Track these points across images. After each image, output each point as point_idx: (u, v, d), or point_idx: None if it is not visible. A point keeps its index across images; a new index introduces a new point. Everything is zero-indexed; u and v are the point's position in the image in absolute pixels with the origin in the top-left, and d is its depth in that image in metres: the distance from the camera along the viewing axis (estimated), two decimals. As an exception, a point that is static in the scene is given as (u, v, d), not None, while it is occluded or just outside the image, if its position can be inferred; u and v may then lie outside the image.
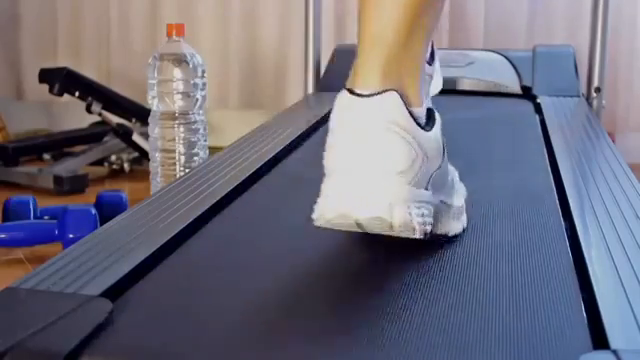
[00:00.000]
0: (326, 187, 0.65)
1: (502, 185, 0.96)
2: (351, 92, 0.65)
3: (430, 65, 0.98)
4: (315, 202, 0.65)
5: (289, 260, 0.72)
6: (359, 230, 0.65)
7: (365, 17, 0.68)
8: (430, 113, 0.71)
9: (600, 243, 0.73)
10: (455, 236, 0.76)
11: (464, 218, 0.79)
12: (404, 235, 0.65)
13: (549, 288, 0.64)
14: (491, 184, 0.96)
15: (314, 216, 0.65)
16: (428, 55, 0.90)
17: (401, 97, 0.64)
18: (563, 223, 0.81)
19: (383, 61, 0.66)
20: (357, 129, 0.63)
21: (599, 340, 0.54)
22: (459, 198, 0.79)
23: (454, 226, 0.77)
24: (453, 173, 0.79)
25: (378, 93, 0.64)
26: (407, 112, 0.64)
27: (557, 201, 0.89)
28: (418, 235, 0.65)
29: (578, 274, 0.67)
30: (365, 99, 0.64)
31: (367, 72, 0.66)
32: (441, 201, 0.73)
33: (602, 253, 0.71)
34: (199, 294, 0.65)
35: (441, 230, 0.74)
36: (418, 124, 0.66)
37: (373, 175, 0.63)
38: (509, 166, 1.06)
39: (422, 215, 0.66)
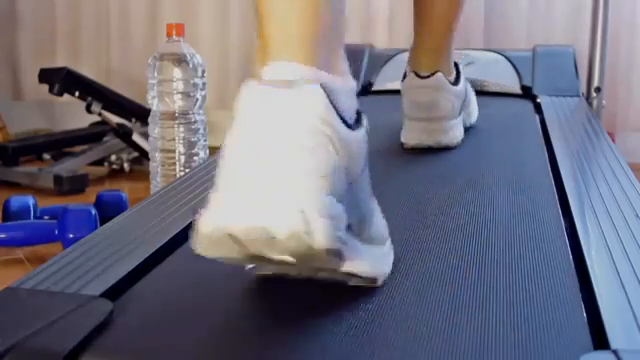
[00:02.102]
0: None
1: (501, 185, 0.96)
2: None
3: (456, 85, 1.03)
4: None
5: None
6: (243, 257, 0.52)
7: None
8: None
9: (600, 243, 0.73)
10: (368, 285, 0.62)
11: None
12: (296, 254, 0.50)
13: (549, 288, 0.64)
14: (490, 184, 0.96)
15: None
16: (454, 76, 0.99)
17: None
18: (563, 222, 0.81)
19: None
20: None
21: (599, 340, 0.54)
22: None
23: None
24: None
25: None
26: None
27: (557, 201, 0.88)
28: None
29: (578, 274, 0.67)
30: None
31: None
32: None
33: (602, 253, 0.71)
34: (199, 294, 0.64)
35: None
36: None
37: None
38: (509, 166, 1.06)
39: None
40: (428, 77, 1.05)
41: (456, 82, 1.09)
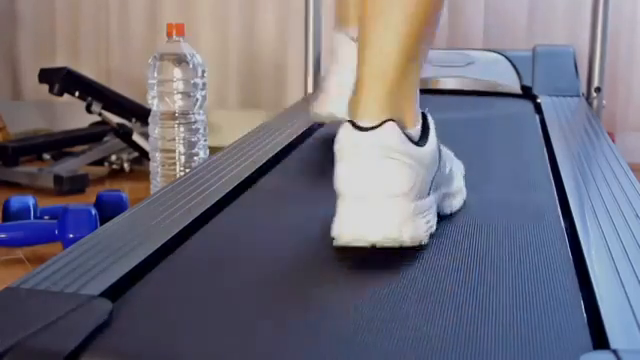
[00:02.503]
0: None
1: (502, 185, 0.96)
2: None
3: (420, 145, 0.72)
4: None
5: (289, 259, 0.72)
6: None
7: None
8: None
9: (600, 243, 0.73)
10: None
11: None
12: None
13: (549, 288, 0.64)
14: (491, 184, 0.96)
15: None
16: (418, 130, 0.75)
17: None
18: (563, 223, 0.81)
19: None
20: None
21: (599, 340, 0.54)
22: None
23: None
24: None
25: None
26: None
27: (557, 201, 0.89)
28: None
29: (578, 274, 0.67)
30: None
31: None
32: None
33: (602, 253, 0.71)
34: (199, 294, 0.64)
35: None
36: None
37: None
38: (509, 166, 1.06)
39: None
40: (373, 129, 0.68)
41: (422, 140, 0.74)
